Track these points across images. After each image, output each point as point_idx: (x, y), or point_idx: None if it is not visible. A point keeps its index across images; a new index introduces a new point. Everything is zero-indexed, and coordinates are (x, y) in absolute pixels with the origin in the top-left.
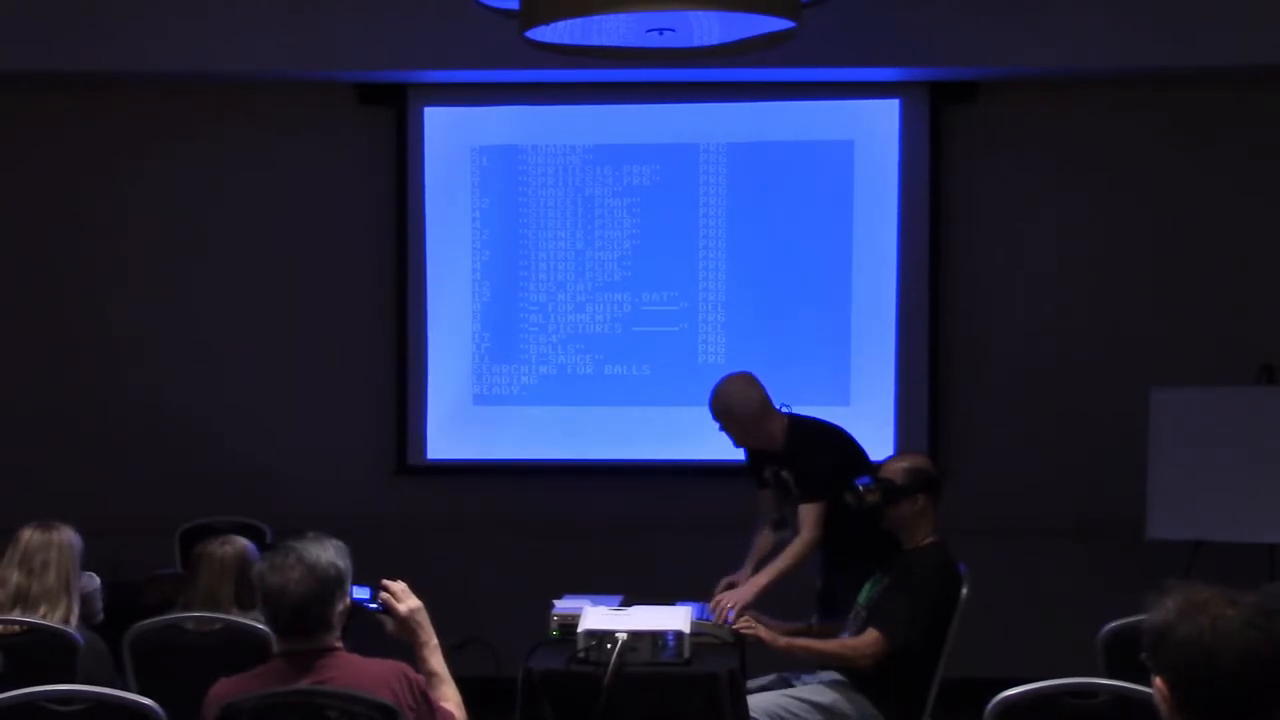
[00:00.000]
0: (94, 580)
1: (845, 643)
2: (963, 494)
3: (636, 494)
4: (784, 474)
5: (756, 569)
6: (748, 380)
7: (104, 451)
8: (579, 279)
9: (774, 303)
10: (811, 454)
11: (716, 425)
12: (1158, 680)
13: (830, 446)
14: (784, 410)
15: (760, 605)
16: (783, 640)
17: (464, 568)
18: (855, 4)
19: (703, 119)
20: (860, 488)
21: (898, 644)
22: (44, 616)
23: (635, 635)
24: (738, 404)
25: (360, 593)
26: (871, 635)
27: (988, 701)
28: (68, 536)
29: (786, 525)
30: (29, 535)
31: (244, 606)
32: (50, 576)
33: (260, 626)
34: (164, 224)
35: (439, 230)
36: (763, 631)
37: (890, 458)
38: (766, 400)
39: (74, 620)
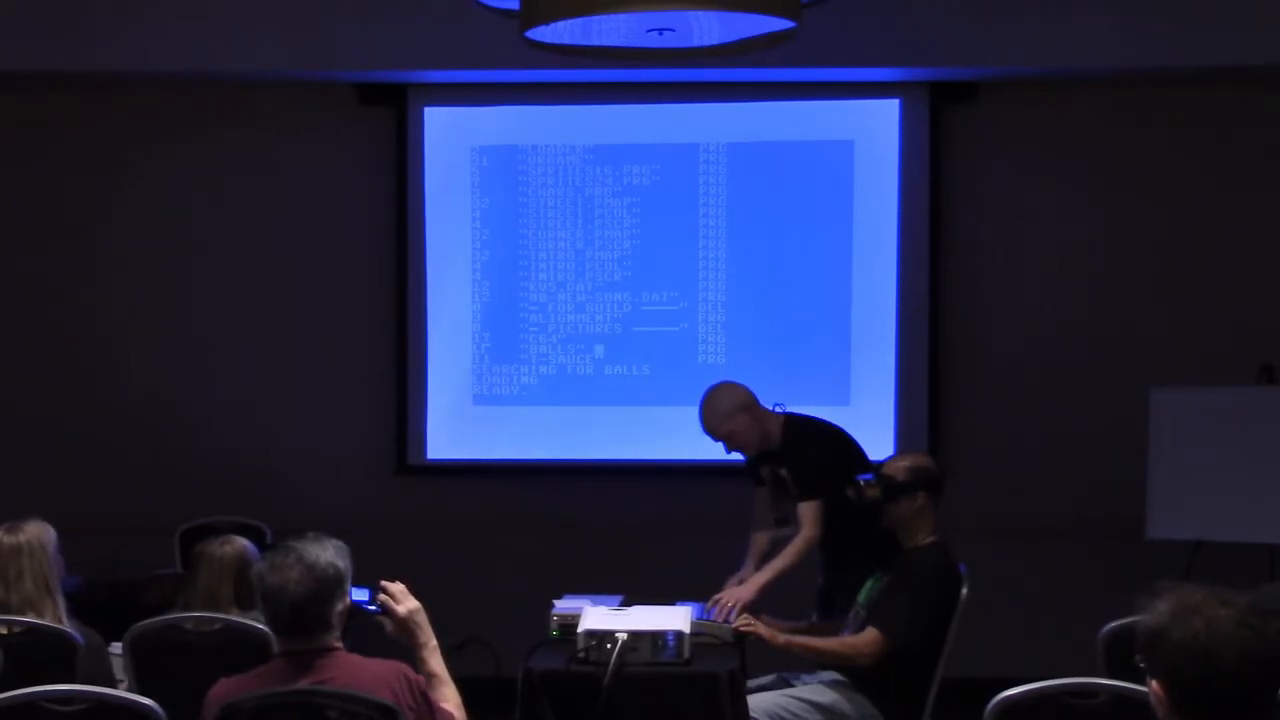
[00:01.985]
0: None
1: (845, 641)
2: (963, 494)
3: (636, 494)
4: (781, 472)
5: (758, 567)
6: (727, 384)
7: (104, 451)
8: (579, 279)
9: (774, 303)
10: (807, 451)
11: (723, 446)
12: (1153, 682)
13: (826, 443)
14: (778, 409)
15: (761, 604)
16: (782, 638)
17: (464, 568)
18: (855, 4)
19: (703, 119)
20: (861, 483)
21: (897, 643)
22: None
23: (635, 635)
24: (727, 405)
25: (359, 594)
26: (871, 634)
27: (988, 701)
28: (36, 535)
29: (787, 522)
30: None
31: (244, 606)
32: (27, 584)
33: (260, 626)
34: (164, 224)
35: (439, 230)
36: (762, 629)
37: (892, 456)
38: (754, 397)
39: (62, 616)
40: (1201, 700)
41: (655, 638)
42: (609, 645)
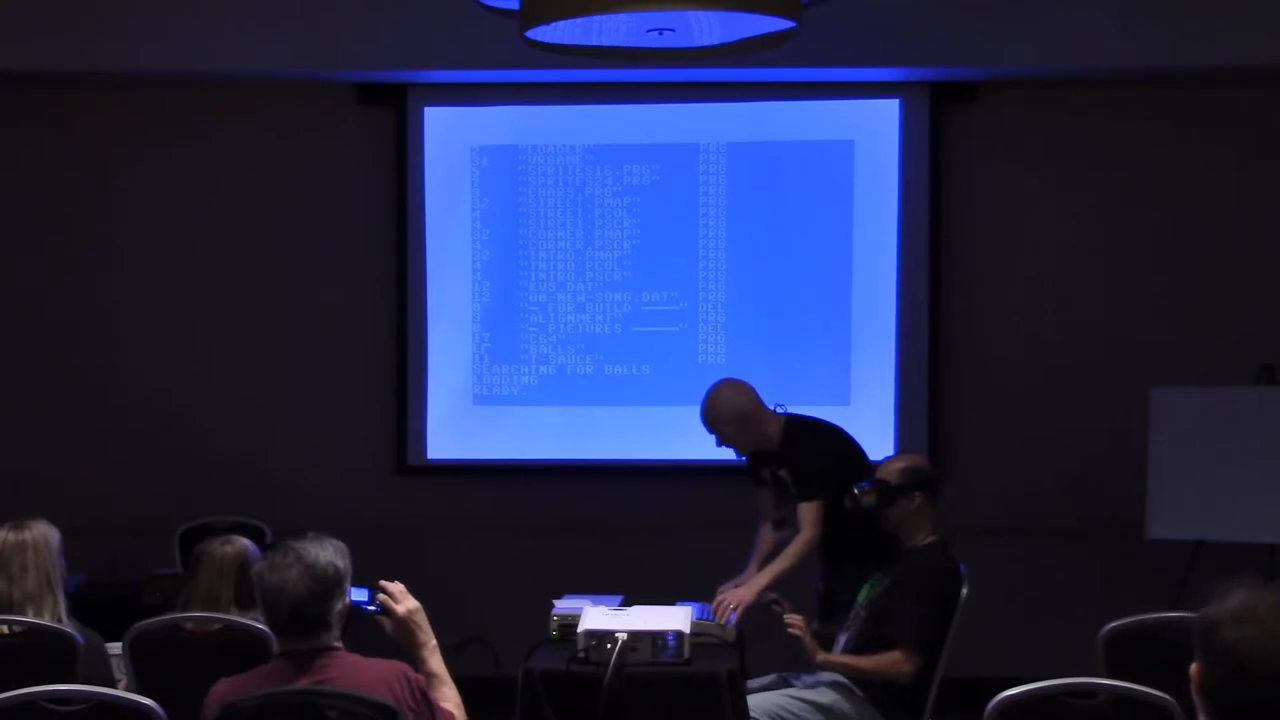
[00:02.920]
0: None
1: (880, 661)
2: (963, 494)
3: (636, 494)
4: (781, 473)
5: (761, 567)
6: (733, 385)
7: (104, 451)
8: (579, 279)
9: (774, 302)
10: (809, 452)
11: (714, 440)
12: (1194, 666)
13: (827, 445)
14: (779, 410)
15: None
16: (821, 655)
17: (464, 568)
18: (855, 4)
19: (703, 119)
20: (857, 491)
21: (923, 650)
22: (32, 618)
23: (635, 635)
24: (727, 410)
25: (358, 594)
26: (897, 655)
27: (988, 701)
28: (42, 534)
29: (786, 524)
30: (2, 539)
31: (243, 606)
32: (30, 579)
33: (260, 626)
34: (164, 224)
35: (439, 230)
36: (808, 640)
37: (887, 459)
38: (757, 401)
39: (62, 614)
40: (1228, 705)
41: (655, 638)
42: (609, 645)
